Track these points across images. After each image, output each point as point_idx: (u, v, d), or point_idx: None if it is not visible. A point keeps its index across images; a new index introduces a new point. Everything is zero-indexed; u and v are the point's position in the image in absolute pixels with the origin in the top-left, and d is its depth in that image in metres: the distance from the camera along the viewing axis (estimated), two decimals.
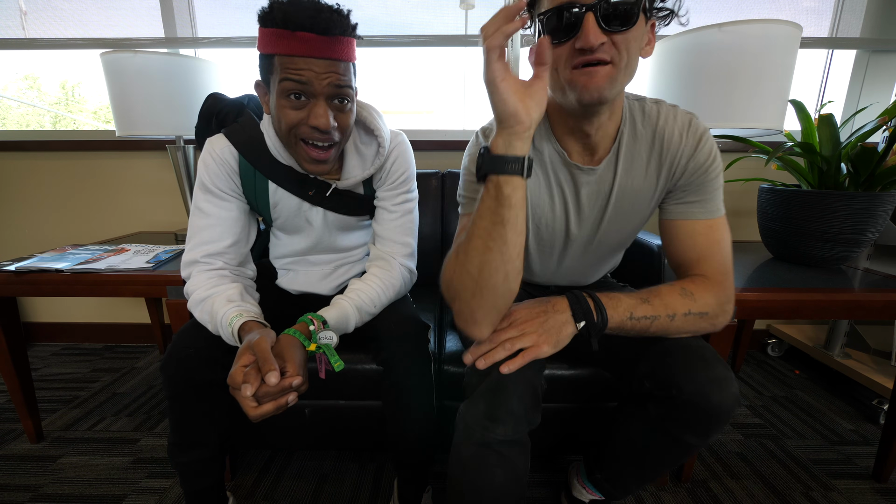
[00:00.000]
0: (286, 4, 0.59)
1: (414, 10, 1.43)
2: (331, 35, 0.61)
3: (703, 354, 0.60)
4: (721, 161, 0.65)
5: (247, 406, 0.55)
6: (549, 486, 0.98)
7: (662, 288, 0.62)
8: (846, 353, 1.35)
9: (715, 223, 0.65)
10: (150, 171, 1.55)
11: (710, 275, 0.63)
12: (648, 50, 0.59)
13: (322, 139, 0.66)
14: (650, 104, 0.66)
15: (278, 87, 0.63)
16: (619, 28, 0.52)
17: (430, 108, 1.70)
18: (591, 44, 0.51)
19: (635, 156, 0.66)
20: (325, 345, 0.67)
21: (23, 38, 1.47)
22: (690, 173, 0.64)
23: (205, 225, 0.75)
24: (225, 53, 1.53)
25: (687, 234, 0.66)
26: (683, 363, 0.60)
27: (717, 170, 0.64)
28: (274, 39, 0.61)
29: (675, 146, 0.64)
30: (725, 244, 0.65)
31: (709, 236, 0.65)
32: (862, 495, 0.95)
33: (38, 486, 0.97)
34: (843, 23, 1.43)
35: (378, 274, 0.80)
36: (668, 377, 0.60)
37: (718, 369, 0.58)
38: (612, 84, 0.54)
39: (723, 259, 0.64)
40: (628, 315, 0.59)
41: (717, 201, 0.65)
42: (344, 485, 0.98)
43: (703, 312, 0.61)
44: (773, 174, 1.48)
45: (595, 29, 0.51)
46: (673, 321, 0.60)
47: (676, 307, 0.60)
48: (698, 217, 0.65)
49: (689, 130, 0.64)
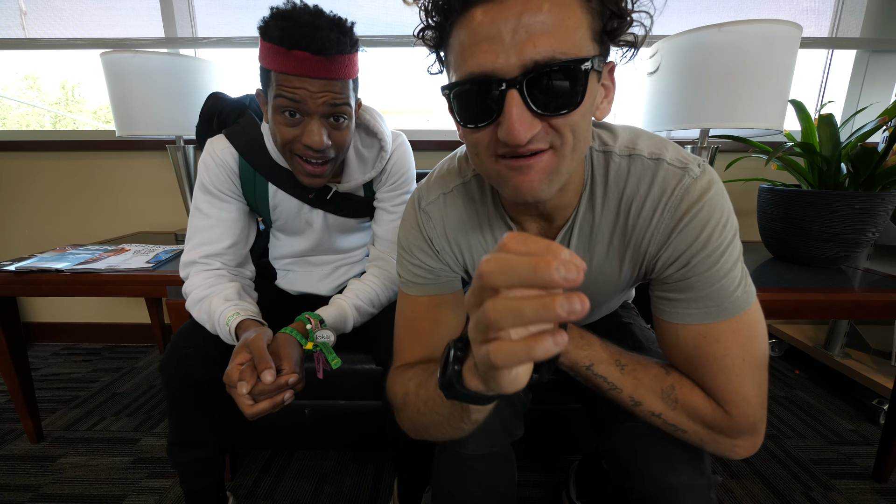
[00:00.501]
0: (283, 21, 0.57)
1: (414, 10, 1.42)
2: (327, 55, 0.59)
3: (672, 452, 0.47)
4: (727, 240, 0.42)
5: (243, 404, 0.55)
6: (549, 487, 0.98)
7: (650, 367, 0.48)
8: (846, 353, 1.35)
9: (718, 329, 0.43)
10: (150, 171, 1.55)
11: (716, 394, 0.44)
12: (606, 108, 0.43)
13: (316, 157, 0.65)
14: (619, 159, 0.46)
15: (273, 103, 0.62)
16: (559, 111, 0.36)
17: (430, 109, 1.70)
18: (519, 140, 0.35)
19: (595, 233, 0.49)
20: (323, 343, 0.67)
21: (23, 38, 1.47)
22: (666, 265, 0.45)
23: (204, 226, 0.75)
24: (225, 53, 1.53)
25: (671, 339, 0.47)
26: (644, 457, 0.48)
27: (711, 259, 0.42)
28: (271, 55, 0.60)
29: (643, 225, 0.45)
30: (738, 357, 0.43)
31: (704, 348, 0.44)
32: (862, 495, 0.95)
33: (38, 486, 0.97)
34: (843, 23, 1.43)
35: (377, 274, 0.80)
36: (628, 467, 0.49)
37: (686, 474, 0.46)
38: (554, 178, 0.39)
39: (729, 378, 0.43)
40: (587, 364, 0.48)
41: (720, 300, 0.43)
42: (344, 485, 0.98)
43: (680, 429, 0.46)
44: (773, 174, 1.48)
45: (523, 116, 0.35)
46: (635, 408, 0.48)
47: (646, 399, 0.46)
48: (687, 321, 0.44)
49: (671, 202, 0.43)
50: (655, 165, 0.44)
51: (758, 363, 0.44)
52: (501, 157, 0.39)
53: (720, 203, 0.42)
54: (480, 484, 0.55)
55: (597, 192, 0.47)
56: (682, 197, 0.42)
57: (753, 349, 0.43)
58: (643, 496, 0.47)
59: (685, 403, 0.45)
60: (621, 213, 0.47)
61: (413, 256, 0.54)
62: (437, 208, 0.53)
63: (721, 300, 0.43)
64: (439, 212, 0.53)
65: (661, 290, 0.47)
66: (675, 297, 0.45)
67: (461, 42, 0.37)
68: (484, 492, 0.55)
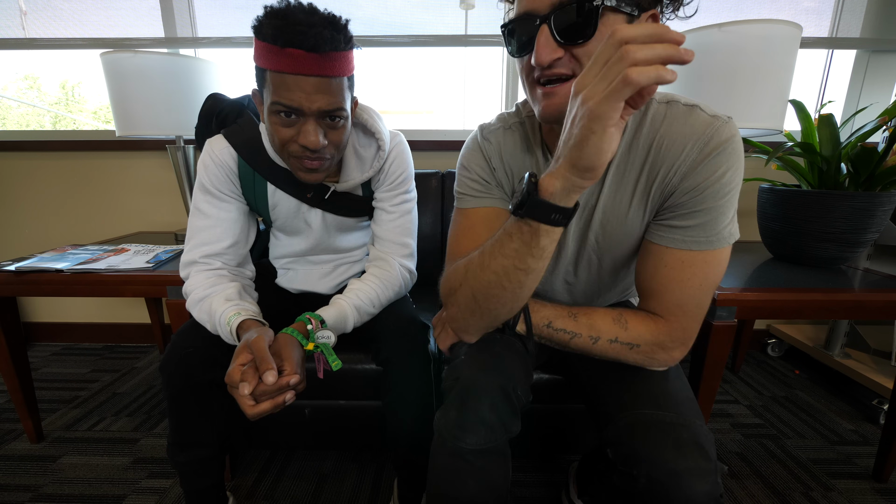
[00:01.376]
0: (277, 19, 0.57)
1: (414, 10, 1.43)
2: (321, 52, 0.58)
3: (678, 437, 0.49)
4: (736, 185, 0.51)
5: (244, 404, 0.55)
6: (550, 487, 0.98)
7: (598, 310, 0.58)
8: (846, 353, 1.35)
9: (693, 259, 0.52)
10: (150, 171, 1.55)
11: (659, 312, 0.55)
12: None
13: (312, 157, 0.66)
14: (658, 105, 0.55)
15: (269, 103, 0.62)
16: (577, 41, 0.45)
17: (430, 108, 1.70)
18: (542, 61, 0.46)
19: (627, 169, 0.56)
20: (323, 344, 0.67)
21: (23, 38, 1.47)
22: (682, 193, 0.52)
23: (204, 226, 0.75)
24: (225, 53, 1.53)
25: (654, 261, 0.55)
26: (652, 442, 0.50)
27: (720, 193, 0.50)
28: (265, 54, 0.59)
29: (673, 158, 0.52)
30: (697, 286, 0.53)
31: (677, 272, 0.53)
32: (862, 495, 0.95)
33: (38, 486, 0.97)
34: (843, 23, 1.43)
35: (377, 274, 0.80)
36: (634, 453, 0.51)
37: (693, 458, 0.48)
38: None
39: (682, 299, 0.54)
40: (546, 323, 0.57)
41: (710, 232, 0.52)
42: (344, 485, 0.98)
43: (633, 344, 0.55)
44: (773, 174, 1.48)
45: (548, 44, 0.45)
46: (595, 344, 0.57)
47: (602, 331, 0.56)
48: (674, 245, 0.53)
49: (701, 140, 0.50)
50: (689, 111, 0.52)
51: (709, 290, 0.54)
52: (538, 82, 0.49)
53: (738, 151, 0.51)
54: (477, 478, 0.56)
55: (637, 132, 0.55)
56: (712, 136, 0.50)
57: (712, 279, 0.53)
58: (650, 481, 0.49)
59: (633, 324, 0.56)
60: (653, 150, 0.54)
61: (472, 172, 0.64)
62: (496, 136, 0.64)
63: (712, 233, 0.52)
64: (497, 139, 0.64)
65: (666, 218, 0.55)
66: (676, 224, 0.53)
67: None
68: (481, 486, 0.56)
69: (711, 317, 0.82)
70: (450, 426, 0.56)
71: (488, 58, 1.55)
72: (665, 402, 0.54)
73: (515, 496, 0.95)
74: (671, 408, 0.53)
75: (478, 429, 0.54)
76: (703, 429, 0.51)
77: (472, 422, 0.55)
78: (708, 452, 0.49)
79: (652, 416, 0.52)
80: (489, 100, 1.58)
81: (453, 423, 0.56)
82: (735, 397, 1.35)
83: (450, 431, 0.56)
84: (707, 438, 0.50)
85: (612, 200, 0.58)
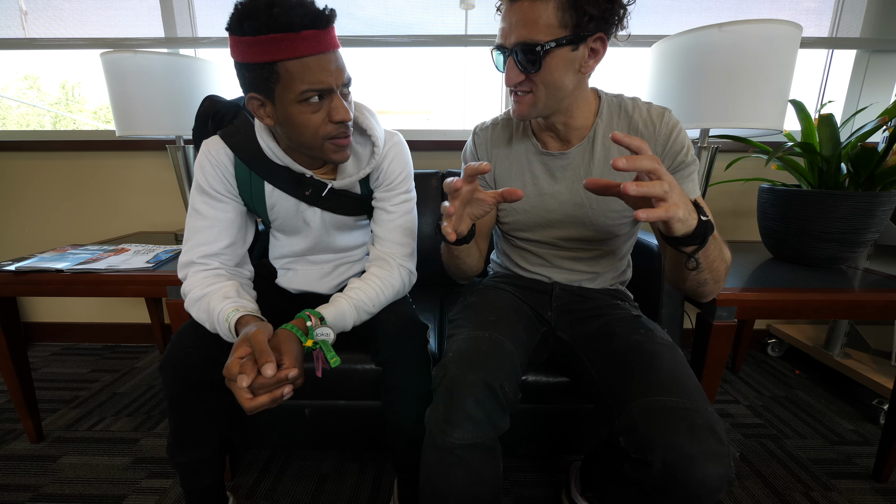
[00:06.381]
0: (273, 7, 0.55)
1: (414, 10, 1.43)
2: (327, 27, 0.59)
3: (692, 421, 0.51)
4: (695, 155, 0.69)
5: (242, 397, 0.55)
6: (549, 487, 0.98)
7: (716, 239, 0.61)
8: (846, 353, 1.35)
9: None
10: (150, 171, 1.55)
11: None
12: (591, 65, 0.64)
13: (345, 133, 0.67)
14: (626, 100, 0.73)
15: (295, 95, 0.60)
16: (531, 71, 0.62)
17: (430, 109, 1.70)
18: (508, 84, 0.65)
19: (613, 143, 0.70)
20: (322, 341, 0.67)
21: (23, 38, 1.47)
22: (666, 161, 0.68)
23: (201, 226, 0.74)
24: (225, 53, 1.53)
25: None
26: (667, 427, 0.51)
27: (690, 161, 0.68)
28: (274, 45, 0.57)
29: (650, 134, 0.69)
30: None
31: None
32: (862, 495, 0.95)
33: (38, 486, 0.97)
34: (843, 23, 1.43)
35: (377, 273, 0.80)
36: (649, 439, 0.52)
37: (707, 442, 0.49)
38: (534, 109, 0.67)
39: None
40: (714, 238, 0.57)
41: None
42: (344, 485, 0.98)
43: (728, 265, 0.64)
44: (773, 174, 1.48)
45: (512, 71, 0.63)
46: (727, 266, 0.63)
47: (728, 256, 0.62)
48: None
49: (663, 121, 0.68)
50: (649, 104, 0.72)
51: None
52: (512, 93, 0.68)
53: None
54: (468, 473, 0.58)
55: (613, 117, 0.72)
56: (669, 120, 0.69)
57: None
58: (665, 466, 0.50)
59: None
60: (631, 129, 0.71)
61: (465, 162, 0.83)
62: (485, 133, 0.82)
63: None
64: (486, 135, 0.82)
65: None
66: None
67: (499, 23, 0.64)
68: (471, 481, 0.58)
69: (711, 317, 0.82)
70: (438, 421, 0.58)
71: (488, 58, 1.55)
72: (677, 389, 0.56)
73: (515, 496, 0.95)
74: (683, 394, 0.55)
75: (464, 424, 0.57)
76: (715, 414, 0.53)
77: (458, 417, 0.57)
78: (721, 437, 0.50)
79: (665, 402, 0.54)
80: (489, 100, 1.58)
81: (441, 418, 0.58)
82: (735, 397, 1.35)
83: (438, 427, 0.58)
84: (719, 423, 0.52)
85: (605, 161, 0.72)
